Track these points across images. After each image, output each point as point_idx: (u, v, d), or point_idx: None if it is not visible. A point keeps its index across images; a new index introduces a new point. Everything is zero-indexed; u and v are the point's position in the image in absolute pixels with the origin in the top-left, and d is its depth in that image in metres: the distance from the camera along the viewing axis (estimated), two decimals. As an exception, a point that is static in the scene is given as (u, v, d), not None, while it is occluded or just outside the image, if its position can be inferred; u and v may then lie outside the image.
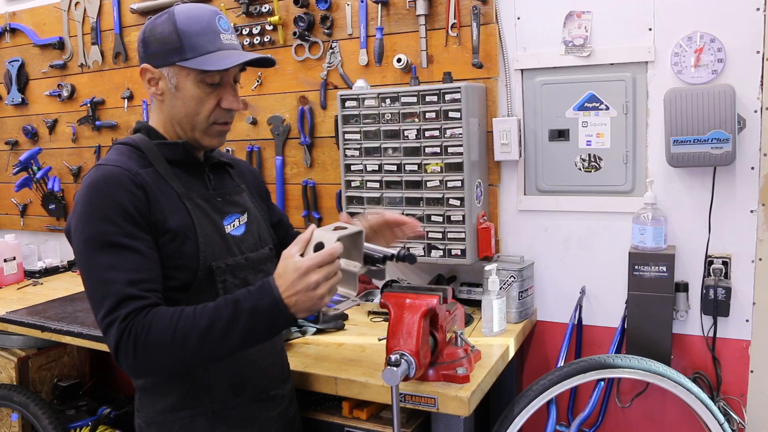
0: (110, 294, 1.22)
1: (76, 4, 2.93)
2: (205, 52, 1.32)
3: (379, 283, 2.36)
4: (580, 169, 2.08)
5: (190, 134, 1.40)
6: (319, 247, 1.22)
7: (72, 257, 2.75)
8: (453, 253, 2.09)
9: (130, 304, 1.22)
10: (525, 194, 2.18)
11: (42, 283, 2.86)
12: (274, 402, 1.50)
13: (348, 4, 2.34)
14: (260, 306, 1.20)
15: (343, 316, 2.11)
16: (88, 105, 2.97)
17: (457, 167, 2.04)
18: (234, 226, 1.44)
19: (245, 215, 1.48)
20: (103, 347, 2.05)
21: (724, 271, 1.94)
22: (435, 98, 2.04)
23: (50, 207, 3.11)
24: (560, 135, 2.08)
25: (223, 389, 1.41)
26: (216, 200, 1.43)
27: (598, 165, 2.05)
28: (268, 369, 1.49)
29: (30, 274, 2.97)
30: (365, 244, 1.36)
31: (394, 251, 1.37)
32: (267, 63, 1.43)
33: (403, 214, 2.12)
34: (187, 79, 1.34)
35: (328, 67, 2.41)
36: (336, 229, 1.28)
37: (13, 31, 3.15)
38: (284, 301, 1.19)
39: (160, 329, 1.20)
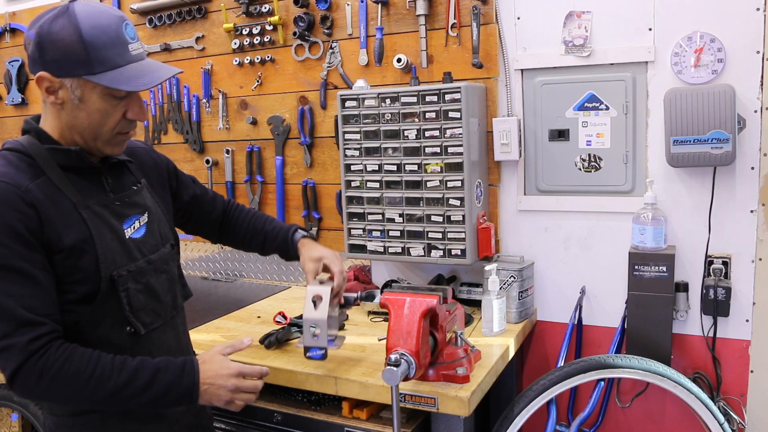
0: (5, 318, 1.20)
1: (76, 4, 2.93)
2: (115, 66, 1.25)
3: (380, 283, 2.36)
4: (580, 169, 2.08)
5: (91, 144, 1.33)
6: (318, 300, 1.56)
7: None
8: (453, 253, 2.09)
9: (30, 331, 1.21)
10: (525, 194, 2.18)
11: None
12: None
13: (348, 4, 2.34)
14: (178, 384, 1.31)
15: (343, 316, 2.11)
16: (88, 105, 2.97)
17: (457, 167, 2.04)
18: (134, 228, 1.40)
19: (145, 215, 1.44)
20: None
21: (724, 271, 1.94)
22: (435, 98, 2.04)
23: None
24: (560, 135, 2.08)
25: None
26: (114, 204, 1.38)
27: (598, 165, 2.05)
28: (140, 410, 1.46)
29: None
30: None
31: (357, 295, 1.71)
32: (174, 75, 1.40)
33: (403, 214, 2.14)
34: (93, 92, 1.27)
35: (328, 67, 2.41)
36: (321, 282, 1.61)
37: (13, 31, 3.15)
38: (199, 387, 1.32)
39: (75, 368, 1.23)
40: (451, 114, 2.02)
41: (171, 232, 1.54)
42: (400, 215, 2.16)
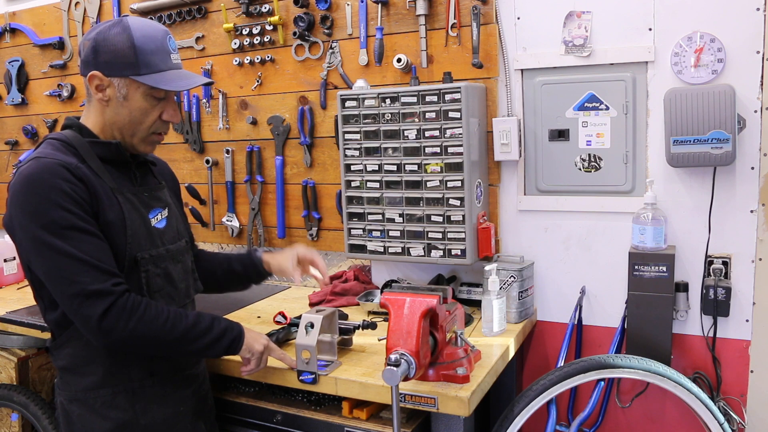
0: (88, 270, 1.35)
1: (76, 4, 2.93)
2: (158, 70, 1.46)
3: (380, 283, 2.36)
4: (580, 169, 2.08)
5: (128, 140, 1.52)
6: (310, 326, 1.66)
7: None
8: (453, 253, 2.09)
9: (112, 278, 1.38)
10: (525, 194, 2.18)
11: (42, 283, 2.86)
12: (189, 380, 1.64)
13: (348, 4, 2.34)
14: (231, 329, 1.55)
15: (343, 316, 2.11)
16: (88, 105, 2.96)
17: (457, 167, 2.04)
18: (158, 219, 1.58)
19: (166, 210, 1.62)
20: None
21: (724, 271, 1.94)
22: (435, 98, 2.04)
23: (50, 207, 3.11)
24: (560, 135, 2.08)
25: (141, 369, 1.53)
26: (143, 195, 1.56)
27: (598, 165, 2.05)
28: (197, 357, 1.67)
29: (30, 274, 2.97)
30: (338, 321, 1.77)
31: (359, 323, 1.80)
32: (208, 84, 1.63)
33: (403, 213, 2.14)
34: (137, 91, 1.46)
35: (328, 67, 2.41)
36: (318, 311, 1.71)
37: (13, 31, 3.16)
38: (245, 334, 1.57)
39: (155, 310, 1.42)
40: (451, 114, 2.02)
41: (186, 230, 1.72)
42: (400, 215, 2.16)
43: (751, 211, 1.89)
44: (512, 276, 2.03)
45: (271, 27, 2.48)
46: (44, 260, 1.36)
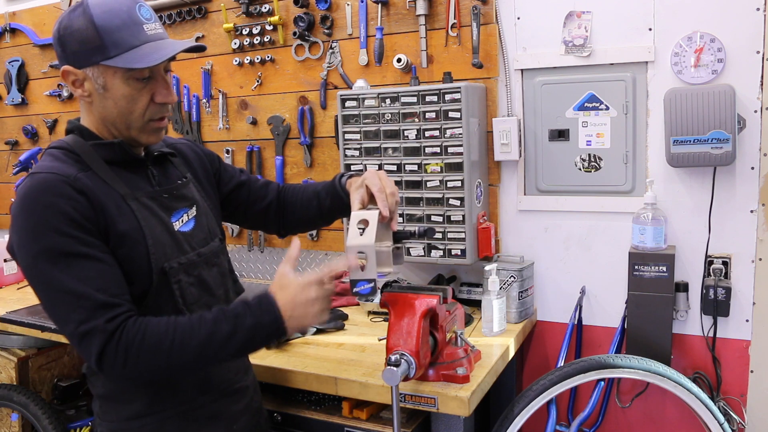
0: (81, 304, 1.18)
1: (76, 4, 2.93)
2: (131, 47, 1.24)
3: (379, 283, 2.36)
4: (580, 169, 2.08)
5: (126, 133, 1.33)
6: (364, 223, 1.32)
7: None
8: (453, 253, 2.09)
9: (106, 312, 1.19)
10: (525, 194, 2.18)
11: (42, 283, 2.85)
12: (240, 394, 1.49)
13: (348, 4, 2.34)
14: (261, 323, 1.24)
15: (343, 316, 2.11)
16: (88, 105, 2.97)
17: (457, 167, 2.04)
18: (183, 221, 1.39)
19: (194, 208, 1.43)
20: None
21: (724, 271, 1.94)
22: (435, 98, 2.04)
23: (50, 207, 3.10)
24: (560, 135, 2.08)
25: (189, 389, 1.38)
26: (162, 197, 1.37)
27: (598, 165, 2.05)
28: (230, 362, 1.46)
29: (30, 274, 2.96)
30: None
31: (414, 229, 1.45)
32: (198, 49, 1.37)
33: (403, 214, 2.14)
34: (115, 77, 1.26)
35: (328, 67, 2.41)
36: (369, 209, 1.38)
37: (13, 31, 3.15)
38: (283, 317, 1.25)
39: (156, 338, 1.20)
40: (451, 114, 2.02)
41: (218, 227, 1.52)
42: (400, 215, 2.16)
43: (751, 211, 1.89)
44: (512, 276, 2.03)
45: (271, 27, 2.47)
46: (40, 293, 1.23)
